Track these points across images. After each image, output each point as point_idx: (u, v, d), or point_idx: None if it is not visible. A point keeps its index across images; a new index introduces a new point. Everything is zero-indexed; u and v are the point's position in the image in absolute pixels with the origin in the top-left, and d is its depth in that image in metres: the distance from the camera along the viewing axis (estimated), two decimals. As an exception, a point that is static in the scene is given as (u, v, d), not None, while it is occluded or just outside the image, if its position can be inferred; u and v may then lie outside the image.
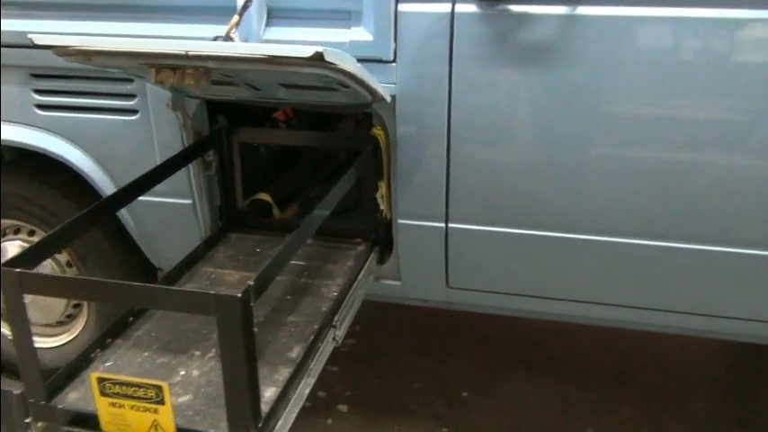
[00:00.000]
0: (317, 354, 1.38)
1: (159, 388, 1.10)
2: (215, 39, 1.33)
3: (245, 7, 1.35)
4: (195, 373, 1.33)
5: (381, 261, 1.77)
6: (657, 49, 1.40)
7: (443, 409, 2.17)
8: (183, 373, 1.33)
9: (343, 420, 2.13)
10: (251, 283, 1.06)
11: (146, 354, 1.38)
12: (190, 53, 1.12)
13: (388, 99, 1.52)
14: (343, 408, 2.19)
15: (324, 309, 1.51)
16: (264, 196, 1.92)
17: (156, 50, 1.14)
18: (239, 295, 1.03)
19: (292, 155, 2.09)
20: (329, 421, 2.12)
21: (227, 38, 1.30)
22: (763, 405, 2.12)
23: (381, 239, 1.75)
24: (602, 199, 1.53)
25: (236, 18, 1.33)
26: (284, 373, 1.30)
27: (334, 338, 1.46)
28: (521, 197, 1.58)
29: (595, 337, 2.36)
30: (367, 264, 1.67)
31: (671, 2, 1.37)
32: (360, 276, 1.62)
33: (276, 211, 1.94)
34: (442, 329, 2.50)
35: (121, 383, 1.12)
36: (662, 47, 1.40)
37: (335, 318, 1.47)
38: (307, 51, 1.09)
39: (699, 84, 1.40)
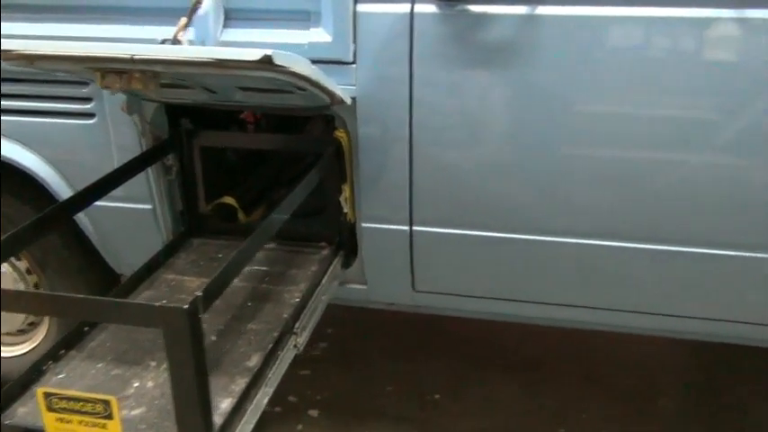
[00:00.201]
0: (277, 362, 1.35)
1: (107, 402, 1.07)
2: (162, 42, 1.30)
3: (193, 10, 1.32)
4: (150, 384, 1.29)
5: (347, 265, 1.75)
6: (618, 48, 1.39)
7: (415, 411, 2.15)
8: (137, 384, 1.30)
9: (314, 425, 2.11)
10: (199, 293, 1.03)
11: (100, 365, 1.35)
12: (135, 57, 1.09)
13: (348, 101, 1.49)
14: (313, 412, 2.17)
15: (285, 315, 1.48)
16: (229, 200, 1.89)
17: (100, 54, 1.10)
18: (185, 307, 1.00)
19: (260, 157, 2.06)
20: (299, 427, 2.09)
21: (175, 41, 1.26)
22: (731, 403, 2.13)
23: (346, 243, 1.72)
24: (565, 200, 1.52)
25: (183, 20, 1.30)
26: (241, 384, 1.27)
27: (295, 346, 1.43)
28: (485, 199, 1.56)
29: (566, 337, 2.35)
30: (331, 268, 1.65)
31: (631, 2, 1.35)
32: (323, 281, 1.59)
33: (241, 215, 1.90)
34: (414, 331, 2.48)
35: (68, 398, 1.08)
36: (622, 46, 1.39)
37: (296, 325, 1.44)
38: (255, 54, 1.06)
39: (660, 83, 1.39)
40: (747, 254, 1.47)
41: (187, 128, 1.75)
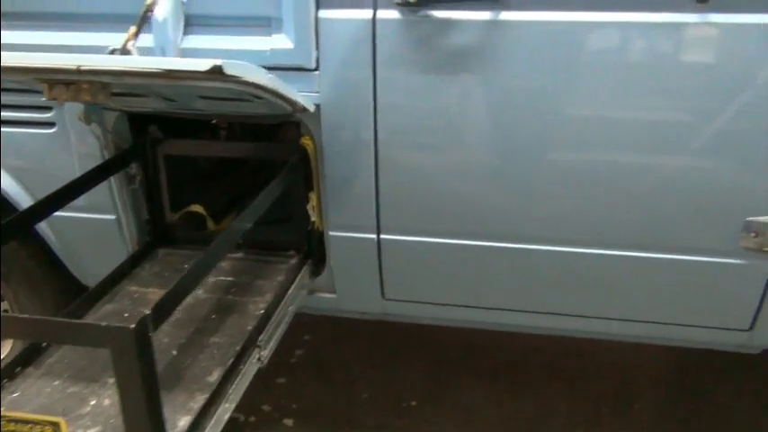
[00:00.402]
0: (238, 377, 1.32)
1: (56, 425, 1.04)
2: (112, 51, 1.26)
3: (143, 18, 1.28)
4: (107, 402, 1.26)
5: (316, 274, 1.72)
6: (580, 52, 1.37)
7: (391, 418, 2.13)
8: (93, 402, 1.26)
9: (289, 435, 2.08)
10: (147, 311, 1.01)
11: (56, 383, 1.31)
12: (82, 68, 1.05)
13: (311, 108, 1.47)
14: (288, 422, 2.14)
15: (249, 328, 1.45)
16: (197, 208, 1.86)
17: (45, 65, 1.07)
18: (133, 327, 0.97)
19: (231, 163, 2.02)
20: (274, 437, 2.07)
21: (125, 50, 1.23)
22: (709, 406, 2.12)
23: (315, 252, 1.70)
24: (534, 207, 1.51)
25: (133, 29, 1.26)
26: (200, 400, 1.24)
27: (259, 359, 1.41)
28: (452, 207, 1.54)
29: (542, 342, 2.33)
30: (298, 278, 1.62)
31: (592, 6, 1.34)
32: (289, 292, 1.57)
33: (211, 224, 1.87)
34: (390, 337, 2.46)
35: (16, 420, 1.05)
36: (585, 51, 1.37)
37: (260, 337, 1.42)
38: (204, 65, 1.03)
39: (621, 87, 1.38)
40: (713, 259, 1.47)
41: (155, 135, 1.71)
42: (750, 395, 2.15)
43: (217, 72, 1.04)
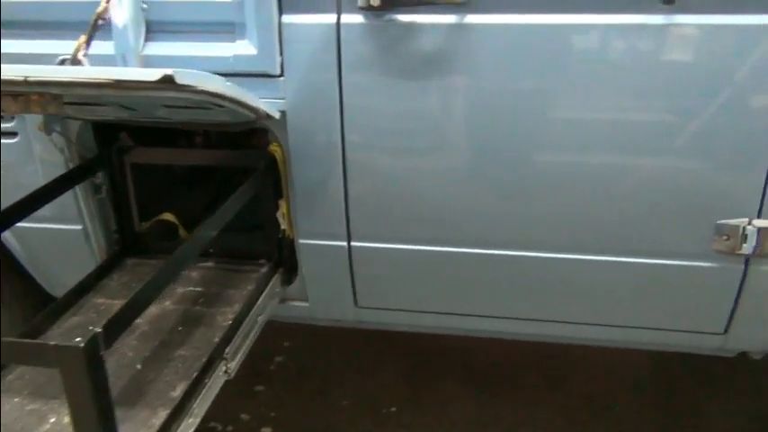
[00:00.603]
0: (203, 391, 1.29)
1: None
2: (62, 62, 1.23)
3: (94, 26, 1.25)
4: (66, 419, 1.23)
5: (288, 282, 1.69)
6: (545, 55, 1.35)
7: (371, 425, 2.11)
8: (53, 420, 1.24)
9: (267, 444, 2.06)
10: (98, 329, 0.98)
11: (16, 399, 1.28)
12: (29, 79, 1.02)
13: (276, 115, 1.44)
14: (267, 430, 2.12)
15: (216, 340, 1.42)
16: (169, 216, 1.83)
17: (-10, 77, 1.03)
18: (82, 345, 0.94)
19: (206, 170, 1.99)
20: (251, 446, 2.05)
21: (75, 60, 1.20)
22: (688, 408, 2.11)
23: (286, 260, 1.67)
24: (503, 211, 1.48)
25: (82, 38, 1.23)
26: (163, 416, 1.22)
27: (225, 371, 1.38)
28: (420, 212, 1.52)
29: (522, 345, 2.31)
30: (268, 287, 1.59)
31: (557, 9, 1.31)
32: (259, 302, 1.54)
33: (183, 232, 1.84)
34: (369, 343, 2.44)
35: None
36: (550, 53, 1.35)
37: (227, 350, 1.39)
38: (155, 74, 1.00)
39: (587, 89, 1.36)
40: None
41: (126, 143, 1.68)
42: (730, 397, 2.14)
43: (168, 82, 1.01)
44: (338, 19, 1.40)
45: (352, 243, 1.58)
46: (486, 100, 1.40)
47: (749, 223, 1.39)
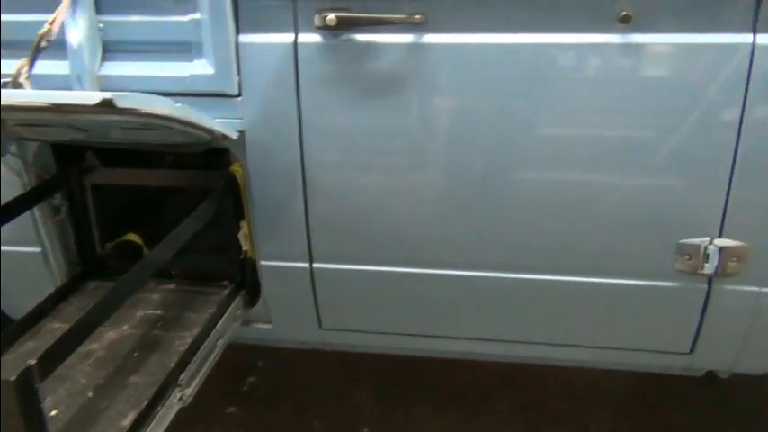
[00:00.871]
0: (154, 419, 1.26)
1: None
2: (4, 84, 1.21)
3: (36, 48, 1.23)
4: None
5: (251, 304, 1.67)
6: (502, 74, 1.34)
7: (343, 447, 2.07)
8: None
9: (235, 469, 2.02)
10: (32, 361, 0.94)
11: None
12: (-34, 103, 1.00)
13: (233, 135, 1.42)
14: (236, 454, 2.08)
15: (171, 365, 1.39)
16: (133, 237, 1.80)
17: (-72, 101, 1.01)
18: (13, 379, 0.90)
19: (174, 190, 1.96)
20: (219, 471, 2.00)
21: (16, 84, 1.18)
22: (665, 426, 2.09)
23: (248, 282, 1.64)
24: (461, 232, 1.46)
25: (23, 61, 1.21)
26: (111, 447, 1.18)
27: (180, 398, 1.34)
28: (380, 232, 1.50)
29: (493, 365, 2.29)
30: (229, 310, 1.56)
31: (514, 28, 1.31)
32: (218, 325, 1.51)
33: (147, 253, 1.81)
34: (343, 363, 2.40)
35: None
36: (506, 72, 1.34)
37: (182, 376, 1.36)
38: (93, 98, 0.98)
39: (544, 108, 1.35)
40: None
41: (92, 163, 1.65)
42: (702, 415, 2.12)
43: (107, 105, 0.99)
44: (296, 38, 1.39)
45: (314, 264, 1.56)
46: (444, 119, 1.39)
47: (710, 243, 1.37)
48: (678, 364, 1.55)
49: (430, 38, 1.34)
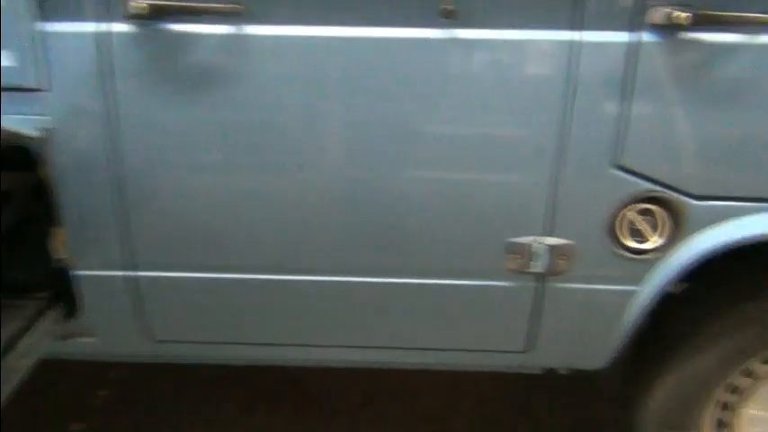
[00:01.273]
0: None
1: None
2: None
3: None
4: None
5: (70, 316, 1.52)
6: (324, 68, 1.29)
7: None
8: None
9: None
10: None
11: None
12: None
13: (33, 134, 1.29)
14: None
15: (-39, 390, 1.23)
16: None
17: None
18: None
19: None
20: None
21: None
22: (530, 418, 2.10)
23: (66, 292, 1.50)
24: (283, 234, 1.40)
25: None
26: None
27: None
28: (204, 237, 1.41)
29: (390, 373, 2.21)
30: (37, 325, 1.42)
31: (337, 22, 1.27)
32: (20, 343, 1.36)
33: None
34: (205, 373, 2.26)
35: None
36: (329, 66, 1.29)
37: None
38: None
39: (367, 103, 1.31)
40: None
41: None
42: (566, 407, 2.17)
43: None
44: (107, 27, 1.28)
45: (140, 273, 1.45)
46: (262, 113, 1.32)
47: (539, 241, 1.39)
48: (515, 362, 1.55)
49: (248, 29, 1.27)
